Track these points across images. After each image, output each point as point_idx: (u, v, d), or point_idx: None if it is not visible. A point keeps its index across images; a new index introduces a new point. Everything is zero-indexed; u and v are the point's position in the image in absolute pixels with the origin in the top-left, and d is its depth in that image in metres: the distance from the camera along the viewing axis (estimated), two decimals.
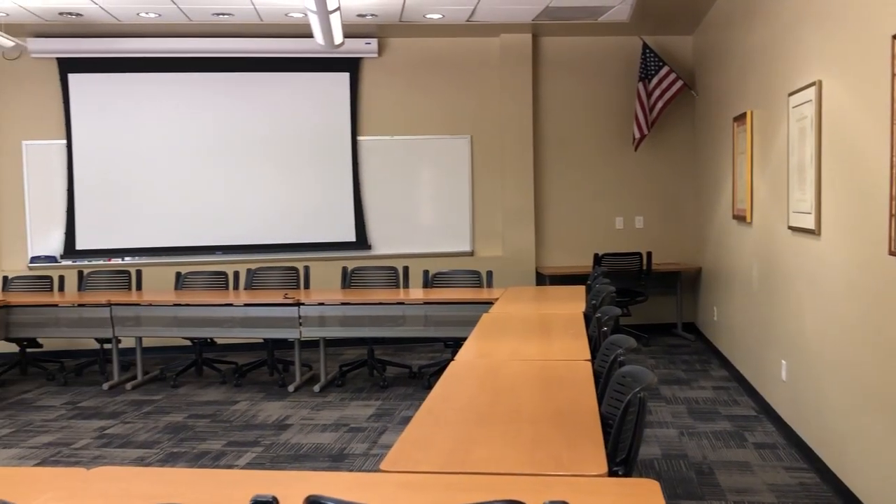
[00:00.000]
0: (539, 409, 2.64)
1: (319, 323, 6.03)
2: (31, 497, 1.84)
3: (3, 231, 7.71)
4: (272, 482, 2.03)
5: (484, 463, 2.12)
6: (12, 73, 7.64)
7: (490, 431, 2.40)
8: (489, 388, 2.99)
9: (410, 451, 2.21)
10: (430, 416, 2.59)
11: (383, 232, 8.00)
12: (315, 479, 2.08)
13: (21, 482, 2.15)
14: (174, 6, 6.51)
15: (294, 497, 1.66)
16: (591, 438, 2.29)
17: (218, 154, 7.83)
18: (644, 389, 2.30)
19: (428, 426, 2.47)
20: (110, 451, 4.73)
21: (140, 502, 1.72)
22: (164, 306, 6.23)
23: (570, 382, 3.02)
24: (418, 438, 2.34)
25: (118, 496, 1.96)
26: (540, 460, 2.13)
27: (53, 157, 7.70)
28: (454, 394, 2.92)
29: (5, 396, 6.17)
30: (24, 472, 2.31)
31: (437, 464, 2.11)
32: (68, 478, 2.16)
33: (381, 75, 7.95)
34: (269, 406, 5.69)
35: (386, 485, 1.98)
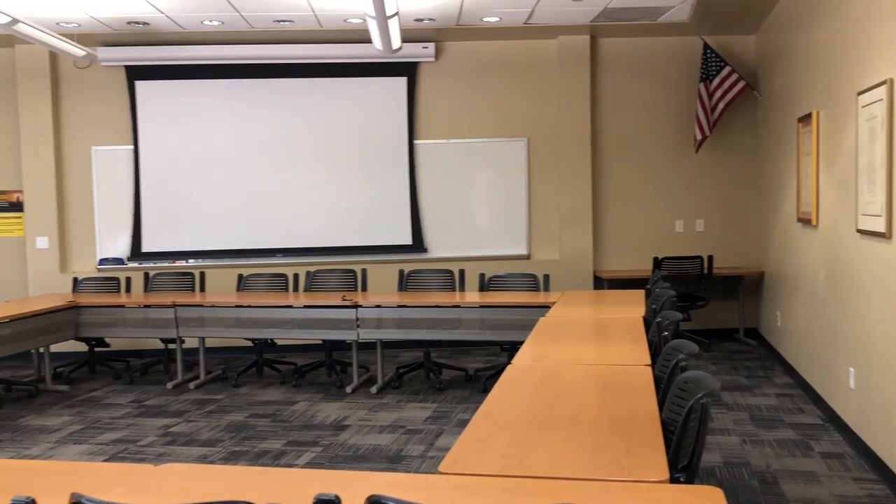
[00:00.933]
0: (598, 414, 2.62)
1: (376, 325, 6.08)
2: (103, 491, 1.90)
3: (74, 234, 7.98)
4: (333, 481, 2.06)
5: (543, 467, 2.11)
6: (83, 81, 7.90)
7: (549, 435, 2.39)
8: (547, 393, 2.98)
9: (469, 454, 2.22)
10: (489, 418, 2.59)
11: (439, 235, 8.03)
12: (375, 479, 2.10)
13: (93, 477, 2.23)
14: (237, 14, 6.66)
15: (355, 496, 1.68)
16: (652, 444, 2.26)
17: (279, 158, 7.98)
18: (707, 395, 2.26)
19: (486, 429, 2.47)
20: (174, 448, 4.86)
21: (206, 499, 1.76)
22: (227, 307, 6.37)
23: (630, 387, 2.98)
24: (477, 441, 2.34)
25: (185, 492, 2.02)
26: (600, 465, 2.11)
27: (121, 163, 7.95)
28: (512, 397, 2.91)
29: (75, 394, 6.38)
30: (95, 467, 2.39)
31: (495, 467, 2.11)
32: (137, 473, 2.22)
33: (438, 79, 7.99)
34: (327, 407, 5.77)
35: (445, 486, 1.99)
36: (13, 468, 2.33)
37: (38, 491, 1.67)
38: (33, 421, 5.58)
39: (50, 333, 6.30)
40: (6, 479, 2.18)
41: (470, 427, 2.46)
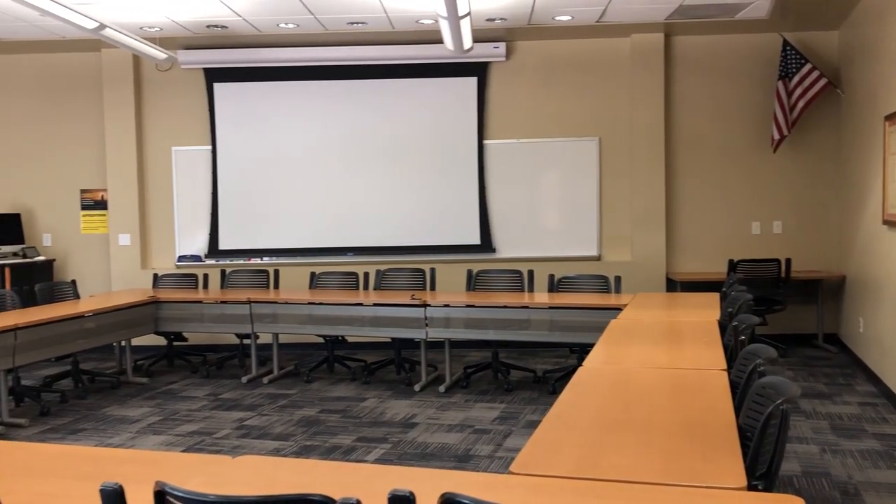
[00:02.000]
0: (672, 419, 2.57)
1: (445, 324, 6.11)
2: (184, 480, 1.96)
3: (154, 232, 8.26)
4: (405, 478, 2.08)
5: (616, 470, 2.09)
6: (164, 84, 8.17)
7: (621, 439, 2.36)
8: (619, 396, 2.94)
9: (540, 455, 2.21)
10: (560, 420, 2.57)
11: (508, 235, 8.01)
12: (446, 477, 2.11)
13: (173, 466, 2.31)
14: (311, 16, 6.78)
15: (428, 494, 1.69)
16: (729, 450, 2.21)
17: (350, 159, 8.09)
18: (786, 402, 2.19)
19: (557, 431, 2.45)
20: (249, 441, 4.98)
21: (282, 491, 1.80)
22: (299, 304, 6.50)
23: (705, 392, 2.92)
24: (548, 442, 2.33)
25: (261, 484, 2.07)
26: (675, 470, 2.08)
27: (199, 163, 8.19)
28: (583, 400, 2.89)
29: (154, 386, 6.61)
30: (175, 457, 2.47)
31: (567, 469, 2.09)
32: (215, 464, 2.29)
33: (509, 79, 7.97)
34: (396, 404, 5.82)
35: (516, 487, 1.99)
36: (99, 456, 2.43)
37: (123, 478, 1.74)
38: (115, 411, 5.80)
39: (131, 327, 6.54)
40: (93, 466, 2.28)
41: (541, 428, 2.45)
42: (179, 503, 1.60)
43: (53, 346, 5.72)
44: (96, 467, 2.27)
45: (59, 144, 8.30)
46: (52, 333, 5.64)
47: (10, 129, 8.32)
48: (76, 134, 8.27)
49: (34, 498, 2.01)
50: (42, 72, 8.25)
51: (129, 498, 1.69)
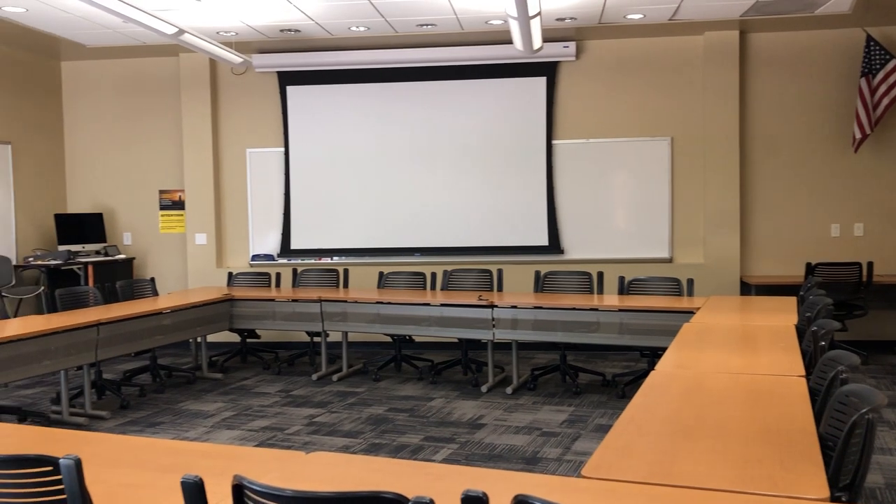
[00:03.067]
0: (748, 426, 2.51)
1: (512, 326, 6.08)
2: (260, 475, 2.00)
3: (230, 232, 8.48)
4: (477, 479, 2.08)
5: (690, 476, 2.05)
6: (239, 87, 8.38)
7: (695, 445, 2.31)
8: (693, 401, 2.88)
9: (612, 459, 2.18)
10: (632, 424, 2.54)
11: (577, 236, 7.94)
12: (517, 479, 2.10)
13: (249, 461, 2.36)
14: (382, 19, 6.85)
15: (500, 495, 1.69)
16: (810, 460, 2.14)
17: (419, 160, 8.14)
18: (872, 411, 2.11)
19: (629, 435, 2.42)
20: (319, 437, 5.06)
21: (355, 487, 1.82)
22: (368, 304, 6.57)
23: (782, 399, 2.84)
24: (620, 447, 2.30)
25: (334, 480, 2.10)
26: (752, 479, 2.02)
27: (273, 164, 8.36)
28: (655, 404, 2.84)
29: (228, 382, 6.78)
30: (250, 452, 2.53)
31: (640, 474, 2.06)
32: (289, 460, 2.33)
33: (579, 78, 7.89)
34: (463, 405, 5.83)
35: (588, 491, 1.97)
36: (177, 449, 2.50)
37: (202, 471, 1.79)
38: (191, 406, 5.97)
39: (207, 324, 6.72)
40: (172, 459, 2.35)
41: (612, 432, 2.42)
42: (257, 497, 1.63)
43: (133, 342, 5.93)
44: (175, 460, 2.34)
45: (140, 147, 8.60)
46: (132, 329, 5.84)
47: (93, 132, 8.66)
48: (155, 136, 8.56)
49: (118, 489, 2.08)
50: (124, 77, 8.57)
51: (208, 490, 1.74)
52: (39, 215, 8.28)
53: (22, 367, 4.91)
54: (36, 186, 8.27)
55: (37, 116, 8.33)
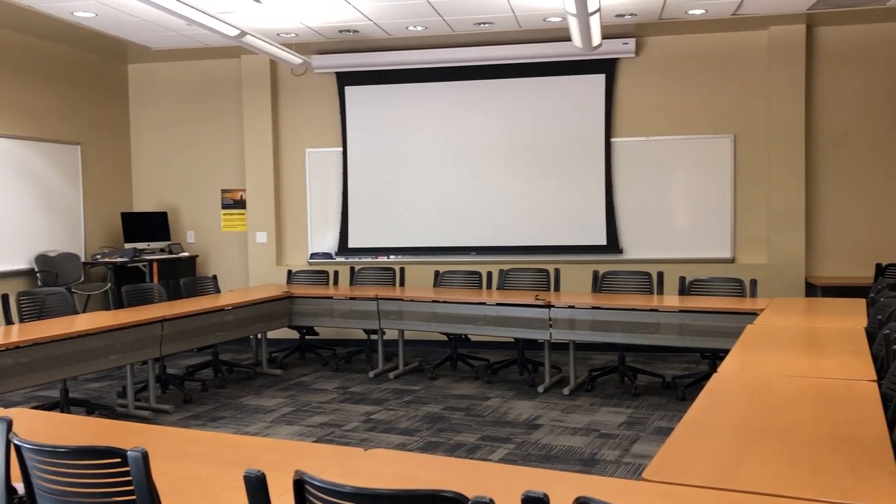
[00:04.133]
0: (816, 431, 2.43)
1: (569, 326, 6.03)
2: (319, 470, 2.02)
3: (289, 230, 8.61)
4: (536, 479, 2.06)
5: (755, 482, 1.99)
6: (299, 88, 8.50)
7: (760, 449, 2.25)
8: (758, 404, 2.80)
9: (675, 462, 2.13)
10: (694, 427, 2.48)
11: (636, 236, 7.83)
12: (576, 480, 2.07)
13: (309, 456, 2.39)
14: (440, 18, 6.86)
15: (560, 496, 1.67)
16: (883, 468, 2.06)
17: (475, 158, 8.13)
18: None
19: (692, 438, 2.37)
20: (375, 434, 5.09)
21: (414, 485, 1.82)
22: (424, 302, 6.59)
23: (852, 404, 2.74)
24: (682, 450, 2.25)
25: (393, 477, 2.10)
26: (822, 485, 1.96)
27: (331, 164, 8.46)
28: (719, 407, 2.77)
29: (287, 378, 6.88)
30: (309, 447, 2.56)
31: (703, 478, 2.01)
32: (348, 456, 2.35)
33: (638, 75, 7.78)
34: (519, 404, 5.80)
35: (650, 494, 1.93)
36: (239, 443, 2.54)
37: (263, 465, 1.81)
38: (251, 401, 6.08)
39: (267, 321, 6.84)
40: (234, 453, 2.39)
41: (675, 435, 2.37)
42: (317, 492, 1.65)
43: (196, 338, 6.06)
44: (237, 454, 2.38)
45: (203, 147, 8.79)
46: (194, 325, 5.98)
47: (158, 133, 8.89)
48: (218, 137, 8.74)
49: (182, 481, 2.13)
50: (187, 79, 8.77)
51: (270, 484, 1.76)
52: (107, 214, 8.54)
53: (90, 362, 5.07)
54: (104, 186, 8.53)
55: (105, 118, 8.59)
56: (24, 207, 7.46)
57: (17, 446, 2.05)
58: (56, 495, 2.02)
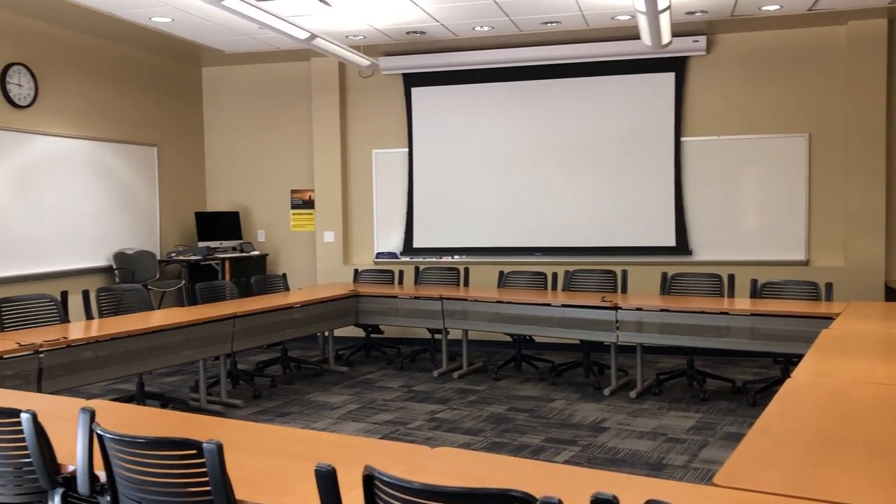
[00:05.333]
0: (895, 440, 2.34)
1: (637, 328, 5.94)
2: (386, 466, 2.05)
3: (356, 230, 8.73)
4: (603, 482, 2.05)
5: (832, 491, 1.93)
6: (366, 90, 8.61)
7: (836, 458, 2.18)
8: (834, 411, 2.72)
9: (747, 468, 2.09)
10: (767, 433, 2.42)
11: (706, 237, 7.67)
12: (646, 484, 2.05)
13: (376, 452, 2.42)
14: (507, 18, 6.85)
15: (629, 499, 1.66)
16: None
17: (542, 158, 8.10)
18: None
19: (765, 444, 2.31)
20: (440, 433, 5.12)
21: (479, 484, 1.83)
22: (488, 302, 6.59)
23: None
24: (755, 456, 2.20)
25: (460, 476, 2.11)
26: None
27: (397, 164, 8.54)
28: (793, 413, 2.70)
29: (353, 375, 6.97)
30: (377, 444, 2.58)
31: (777, 485, 1.97)
32: (415, 454, 2.37)
33: (709, 73, 7.62)
34: (584, 407, 5.75)
35: (721, 499, 1.89)
36: (308, 438, 2.59)
37: (332, 460, 1.84)
38: (318, 397, 6.18)
39: (334, 319, 6.94)
40: (303, 447, 2.44)
41: (747, 440, 2.32)
42: (386, 487, 1.67)
43: (266, 334, 6.19)
44: (307, 448, 2.42)
45: (273, 148, 8.99)
46: (265, 322, 6.11)
47: (230, 134, 9.12)
48: (288, 138, 8.92)
49: (254, 474, 2.18)
50: (259, 81, 8.97)
51: (339, 479, 1.79)
52: (181, 213, 8.80)
53: (165, 356, 5.24)
54: (179, 186, 8.80)
55: (180, 120, 8.86)
56: (103, 207, 7.75)
57: (99, 436, 2.13)
58: (135, 484, 2.09)
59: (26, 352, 4.27)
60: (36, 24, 6.98)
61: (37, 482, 2.38)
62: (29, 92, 6.93)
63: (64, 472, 2.33)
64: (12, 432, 2.36)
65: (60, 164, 7.27)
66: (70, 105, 7.39)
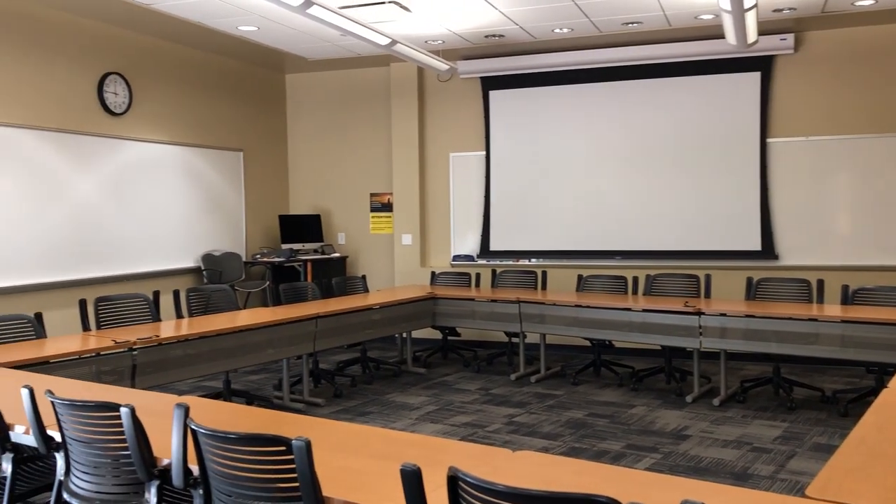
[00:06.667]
0: None
1: (720, 334, 5.80)
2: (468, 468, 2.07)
3: (433, 232, 8.80)
4: (689, 490, 2.01)
5: None
6: (444, 94, 8.67)
7: None
8: None
9: (842, 480, 2.02)
10: (863, 445, 2.33)
11: (793, 241, 7.42)
12: (733, 494, 2.00)
13: (457, 454, 2.43)
14: (587, 20, 6.80)
15: None
16: None
17: (619, 161, 7.99)
18: None
19: (860, 456, 2.23)
20: (518, 437, 5.11)
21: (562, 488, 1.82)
22: (567, 306, 6.53)
23: None
24: (849, 468, 2.12)
25: (542, 479, 2.11)
26: None
27: (474, 167, 8.57)
28: (890, 425, 2.59)
29: (430, 377, 7.02)
30: (458, 446, 2.60)
31: (874, 499, 1.89)
32: (497, 456, 2.38)
33: (797, 72, 7.37)
34: (666, 414, 5.64)
35: None
36: (390, 437, 2.63)
37: (415, 461, 1.86)
38: (397, 398, 6.25)
39: (412, 320, 7.01)
40: (386, 447, 2.48)
41: (840, 452, 2.24)
42: (470, 489, 1.68)
43: (346, 335, 6.30)
44: (389, 448, 2.46)
45: (353, 152, 9.14)
46: (345, 323, 6.22)
47: (312, 139, 9.33)
48: (367, 142, 9.06)
49: (339, 472, 2.23)
50: (340, 87, 9.15)
51: (423, 479, 1.81)
52: (266, 216, 9.05)
53: (250, 355, 5.39)
54: (263, 190, 9.05)
55: (265, 126, 9.11)
56: (192, 210, 8.03)
57: (193, 431, 2.22)
58: (226, 478, 2.17)
59: (121, 349, 4.47)
60: (130, 35, 7.30)
61: (134, 474, 2.49)
62: (124, 100, 7.24)
63: (159, 465, 2.43)
64: (112, 425, 2.48)
65: (152, 169, 7.57)
66: (162, 112, 7.69)
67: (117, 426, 2.45)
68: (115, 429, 2.46)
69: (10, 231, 6.24)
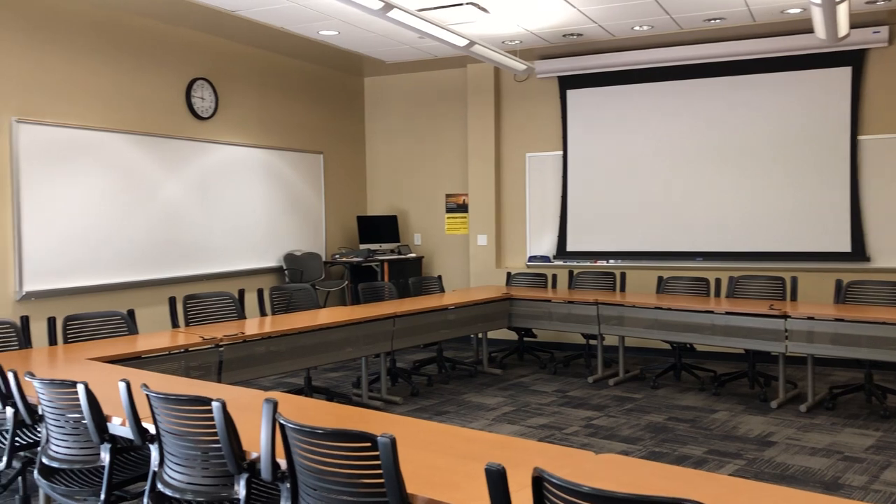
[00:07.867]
0: None
1: (807, 338, 5.60)
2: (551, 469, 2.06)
3: (509, 233, 8.79)
4: (778, 498, 1.95)
5: None
6: (520, 94, 8.65)
7: None
8: None
9: None
10: None
11: (886, 242, 7.11)
12: (821, 502, 1.93)
13: (539, 455, 2.43)
14: (667, 16, 6.67)
15: None
16: None
17: (702, 159, 7.81)
18: None
19: None
20: (597, 440, 5.06)
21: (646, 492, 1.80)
22: (646, 308, 6.43)
23: None
24: None
25: (625, 482, 2.09)
26: None
27: (550, 168, 8.52)
28: None
29: (506, 378, 7.01)
30: (540, 447, 2.59)
31: None
32: (579, 458, 2.36)
33: (892, 66, 7.07)
34: (750, 419, 5.49)
35: None
36: (471, 437, 2.64)
37: (498, 461, 1.87)
38: (473, 398, 6.27)
39: (487, 321, 7.02)
40: (468, 446, 2.49)
41: None
42: (555, 490, 1.68)
43: (422, 334, 6.35)
44: (471, 447, 2.47)
45: (429, 154, 9.22)
46: (422, 322, 6.27)
47: (389, 141, 9.44)
48: (443, 143, 9.12)
49: (423, 469, 2.25)
50: (417, 89, 9.23)
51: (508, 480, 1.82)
52: (345, 217, 9.21)
53: (330, 352, 5.50)
54: (342, 191, 9.21)
55: (344, 128, 9.27)
56: (274, 211, 8.24)
57: (282, 425, 2.28)
58: (313, 472, 2.22)
59: (209, 345, 4.62)
60: (216, 41, 7.54)
61: (223, 467, 2.57)
62: (210, 104, 7.49)
63: (248, 458, 2.51)
64: (203, 419, 2.57)
65: (237, 172, 7.80)
66: (246, 116, 7.92)
67: (209, 420, 2.54)
68: (207, 422, 2.55)
69: (105, 232, 6.53)
